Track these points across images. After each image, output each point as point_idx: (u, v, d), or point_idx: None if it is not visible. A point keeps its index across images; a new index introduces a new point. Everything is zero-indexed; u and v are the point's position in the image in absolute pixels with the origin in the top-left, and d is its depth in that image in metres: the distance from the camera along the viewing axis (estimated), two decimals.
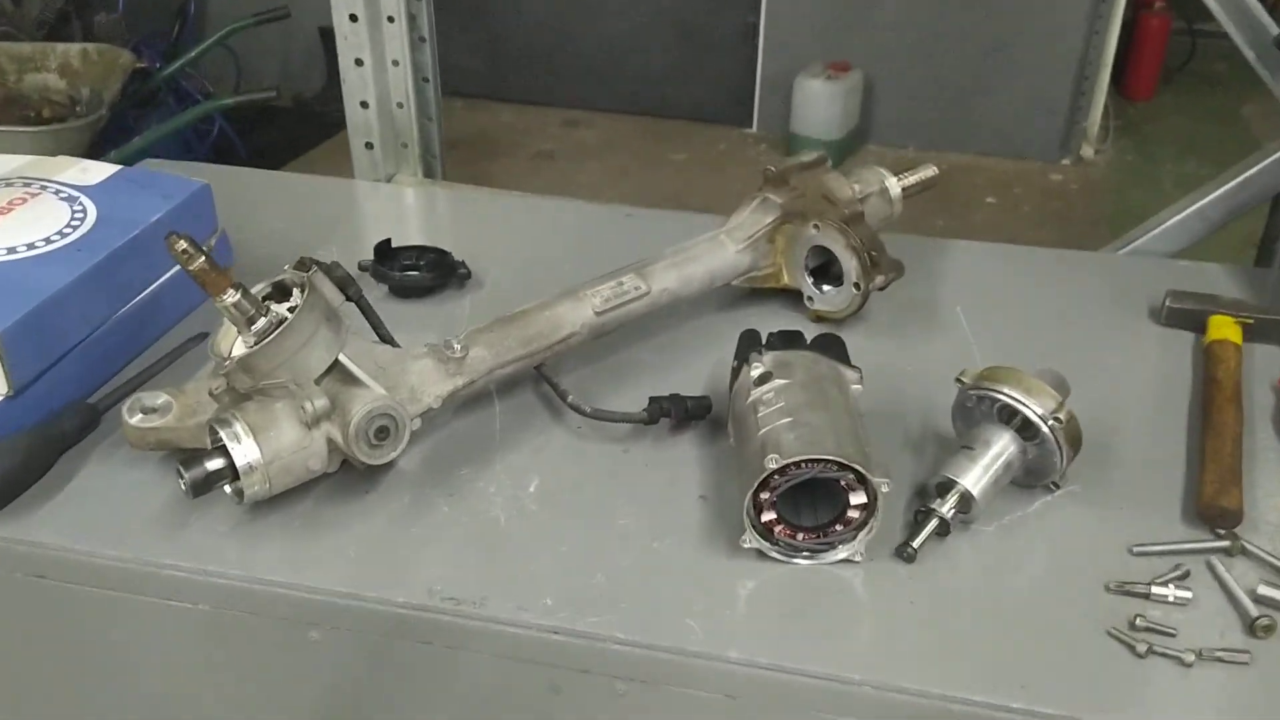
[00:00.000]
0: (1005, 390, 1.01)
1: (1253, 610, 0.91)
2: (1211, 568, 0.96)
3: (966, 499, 0.99)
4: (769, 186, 1.31)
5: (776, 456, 0.92)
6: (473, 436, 1.12)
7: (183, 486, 0.95)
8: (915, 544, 0.97)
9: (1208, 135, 5.39)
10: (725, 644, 0.90)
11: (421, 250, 1.38)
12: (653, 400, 1.11)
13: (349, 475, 1.04)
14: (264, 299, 1.01)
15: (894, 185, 1.37)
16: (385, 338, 1.11)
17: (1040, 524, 1.02)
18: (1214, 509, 1.00)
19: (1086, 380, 1.08)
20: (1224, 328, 1.23)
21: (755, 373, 1.03)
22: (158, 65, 3.99)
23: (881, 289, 1.26)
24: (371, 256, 1.37)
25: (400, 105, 1.69)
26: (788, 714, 0.90)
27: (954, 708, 0.86)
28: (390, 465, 1.04)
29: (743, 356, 1.08)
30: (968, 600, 0.94)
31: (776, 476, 0.93)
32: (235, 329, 1.00)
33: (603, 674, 0.93)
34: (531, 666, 0.94)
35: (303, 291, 1.00)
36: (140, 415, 1.03)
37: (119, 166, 1.30)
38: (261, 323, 0.97)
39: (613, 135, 5.12)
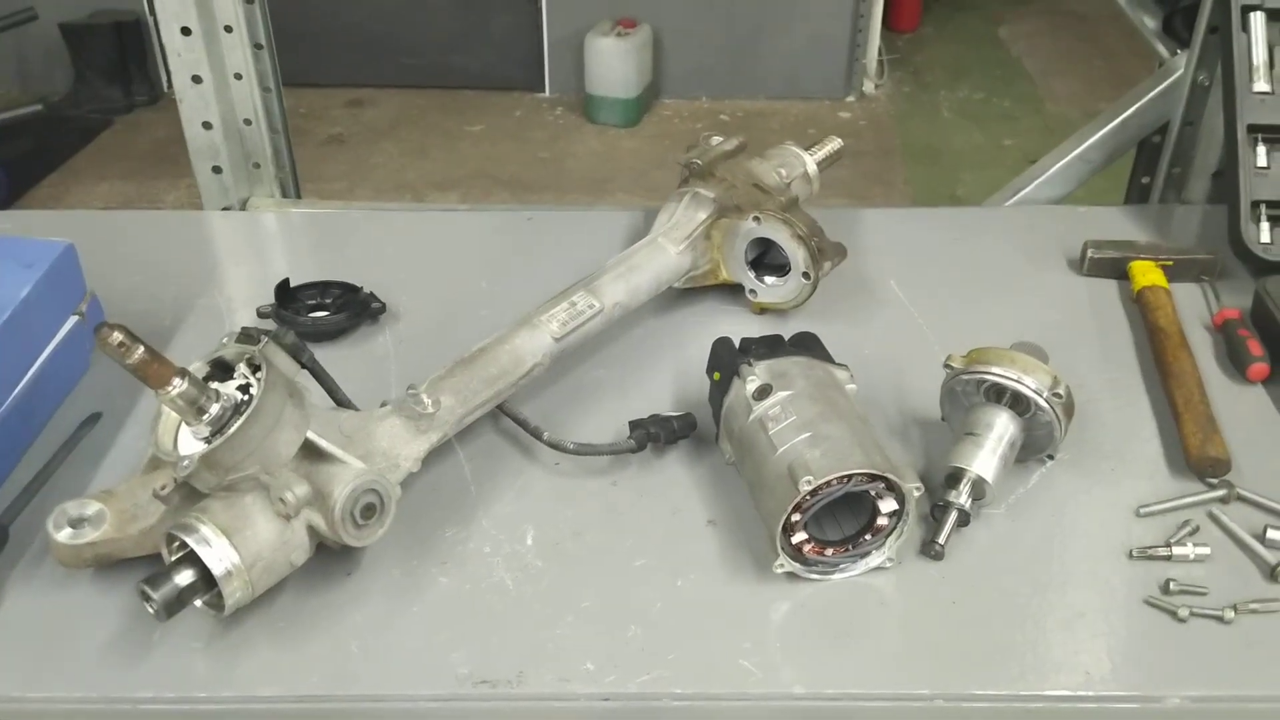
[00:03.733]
0: (1000, 371, 1.00)
1: (1269, 557, 0.94)
2: (1215, 519, 0.99)
3: (980, 485, 0.97)
4: (695, 180, 1.25)
5: (810, 478, 0.87)
6: (444, 491, 1.03)
7: (151, 609, 0.83)
8: (941, 540, 0.95)
9: (972, 59, 5.67)
10: (786, 680, 0.86)
11: (324, 287, 1.26)
12: (635, 425, 1.05)
13: (323, 559, 0.93)
14: (205, 380, 0.89)
15: (811, 164, 1.34)
16: (343, 401, 0.99)
17: (1045, 498, 1.02)
18: (1205, 460, 1.02)
19: (1034, 340, 1.08)
20: (1149, 273, 1.27)
21: (751, 386, 0.98)
22: None
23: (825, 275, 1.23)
24: (268, 300, 1.23)
25: (248, 122, 1.53)
26: None
27: (1032, 706, 0.85)
28: None
29: (726, 368, 1.03)
30: (1005, 592, 0.93)
31: (808, 498, 0.89)
32: (176, 419, 0.87)
33: None
34: None
35: (256, 370, 0.88)
36: (70, 530, 0.89)
37: None
38: (214, 410, 0.85)
39: (402, 112, 4.92)
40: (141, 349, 0.80)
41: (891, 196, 4.30)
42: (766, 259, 1.25)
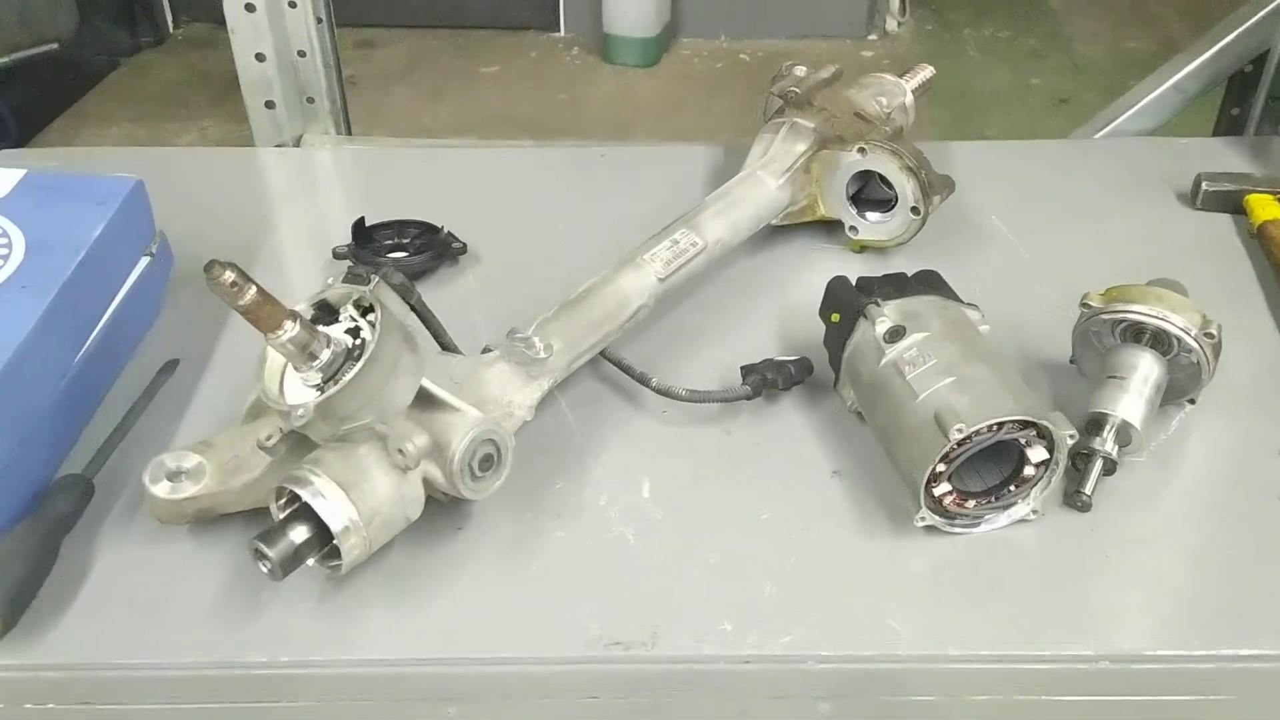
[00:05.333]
0: (1145, 310, 0.94)
1: None
2: None
3: (1126, 431, 0.92)
4: (792, 109, 1.18)
5: (961, 426, 0.82)
6: (548, 441, 0.97)
7: (265, 569, 0.77)
8: (1088, 490, 0.89)
9: None
10: (939, 641, 0.81)
11: (401, 226, 1.19)
12: (748, 370, 0.99)
13: (431, 513, 0.87)
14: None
15: (907, 89, 1.27)
16: (449, 345, 0.93)
17: (1187, 443, 0.97)
18: None
19: (1150, 278, 1.02)
20: (1269, 207, 1.21)
21: (881, 328, 0.92)
22: None
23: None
24: (338, 241, 1.16)
25: (302, 54, 1.45)
26: (1023, 701, 0.82)
27: (1201, 668, 0.80)
28: None
29: (847, 309, 0.96)
30: (1158, 545, 0.88)
31: (956, 447, 0.83)
32: (281, 364, 0.81)
33: (803, 696, 0.82)
34: (718, 697, 0.82)
35: (365, 312, 0.81)
36: (167, 484, 0.83)
37: (20, 171, 1.04)
38: (326, 355, 0.79)
39: (414, 54, 4.79)
40: (254, 289, 0.74)
41: (915, 137, 4.21)
42: (865, 193, 1.18)
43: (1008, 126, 4.24)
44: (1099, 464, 0.90)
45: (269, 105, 1.46)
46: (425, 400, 0.83)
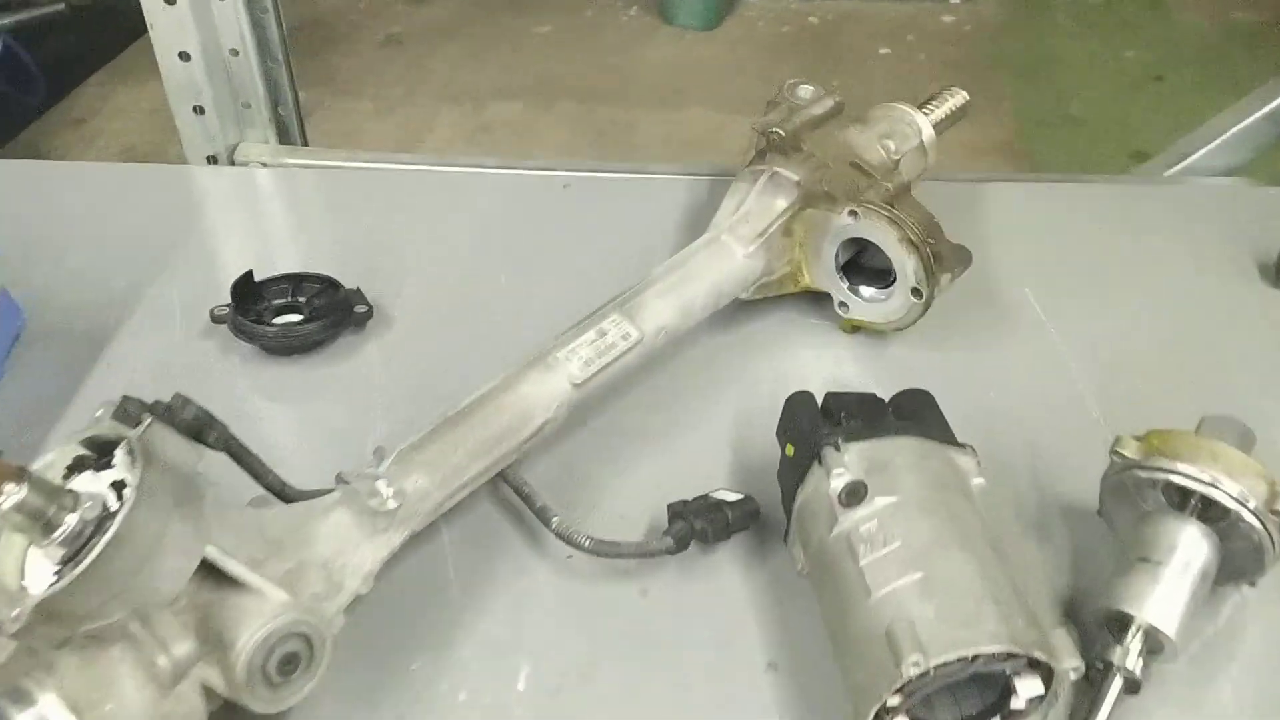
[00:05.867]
0: (1193, 472, 0.70)
1: None
2: None
3: (1155, 638, 0.69)
4: (774, 154, 0.95)
5: (919, 659, 0.60)
6: (416, 591, 0.77)
7: None
8: None
9: None
10: None
11: (298, 281, 0.99)
12: (676, 514, 0.77)
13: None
14: (70, 471, 0.63)
15: (927, 128, 1.03)
16: (273, 487, 0.73)
17: (1242, 641, 0.74)
18: None
19: (1218, 386, 0.80)
20: None
21: (839, 483, 0.70)
22: None
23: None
24: (227, 298, 0.97)
25: (235, 52, 1.25)
26: None
27: None
28: None
29: (804, 442, 0.74)
30: None
31: (915, 680, 0.61)
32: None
33: None
34: None
35: (134, 461, 0.62)
36: None
37: None
38: (71, 523, 0.59)
39: (464, 10, 4.58)
40: None
41: (993, 114, 3.89)
42: (864, 260, 0.95)
43: (1093, 104, 3.89)
44: (1117, 684, 0.68)
45: (198, 111, 1.27)
46: (214, 576, 0.63)
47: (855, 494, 0.69)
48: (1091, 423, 0.88)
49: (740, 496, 0.79)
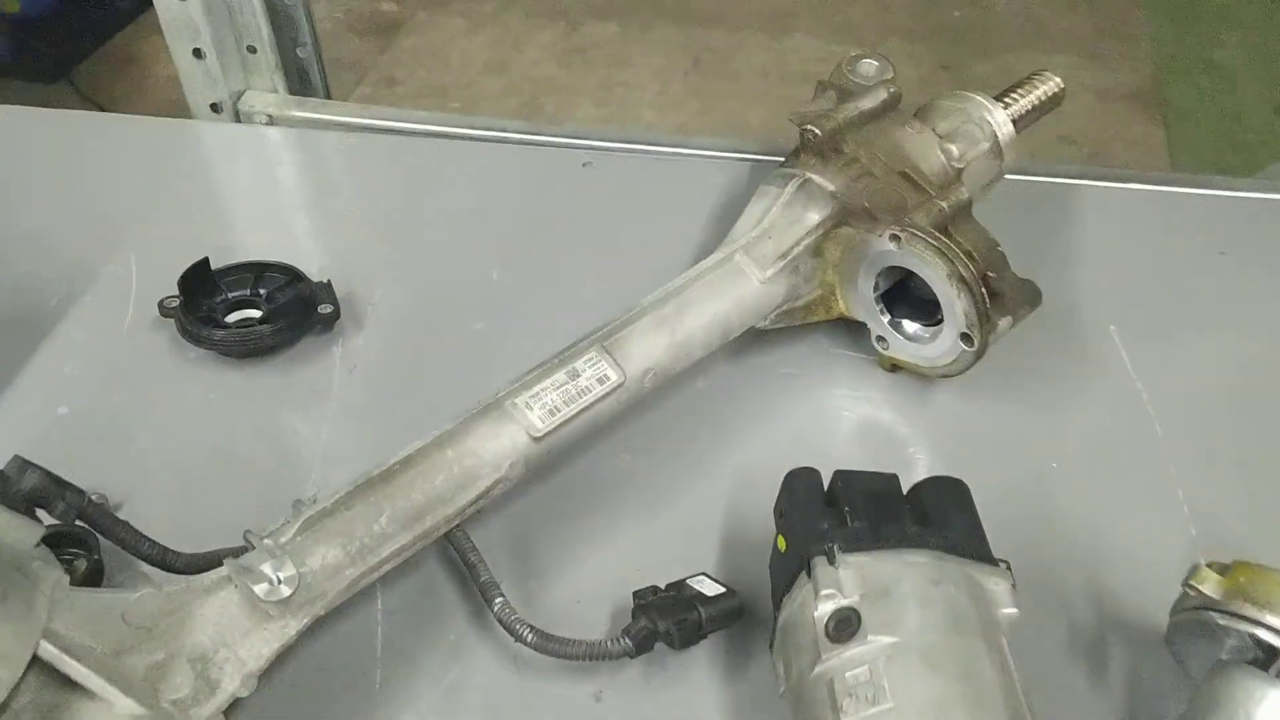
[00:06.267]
0: None
1: None
2: None
3: None
4: (810, 156, 0.79)
5: None
6: (334, 670, 0.66)
7: None
8: None
9: None
10: None
11: (259, 271, 0.87)
12: (641, 607, 0.64)
13: None
14: None
15: (1005, 125, 0.85)
16: (152, 557, 0.62)
17: None
18: None
19: None
20: None
21: (826, 608, 0.56)
22: None
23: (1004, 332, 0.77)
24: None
25: None
26: None
27: None
28: None
29: (797, 540, 0.60)
30: None
31: None
32: None
33: None
34: None
35: None
36: None
37: None
38: None
39: None
40: None
41: (1127, 55, 3.57)
42: (913, 286, 0.80)
43: (1243, 48, 3.54)
44: None
45: (198, 55, 1.15)
46: (59, 676, 0.53)
47: (845, 626, 0.55)
48: (1178, 520, 0.72)
49: (722, 590, 0.65)
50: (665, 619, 0.63)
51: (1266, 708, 0.55)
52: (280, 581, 0.58)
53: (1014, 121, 0.86)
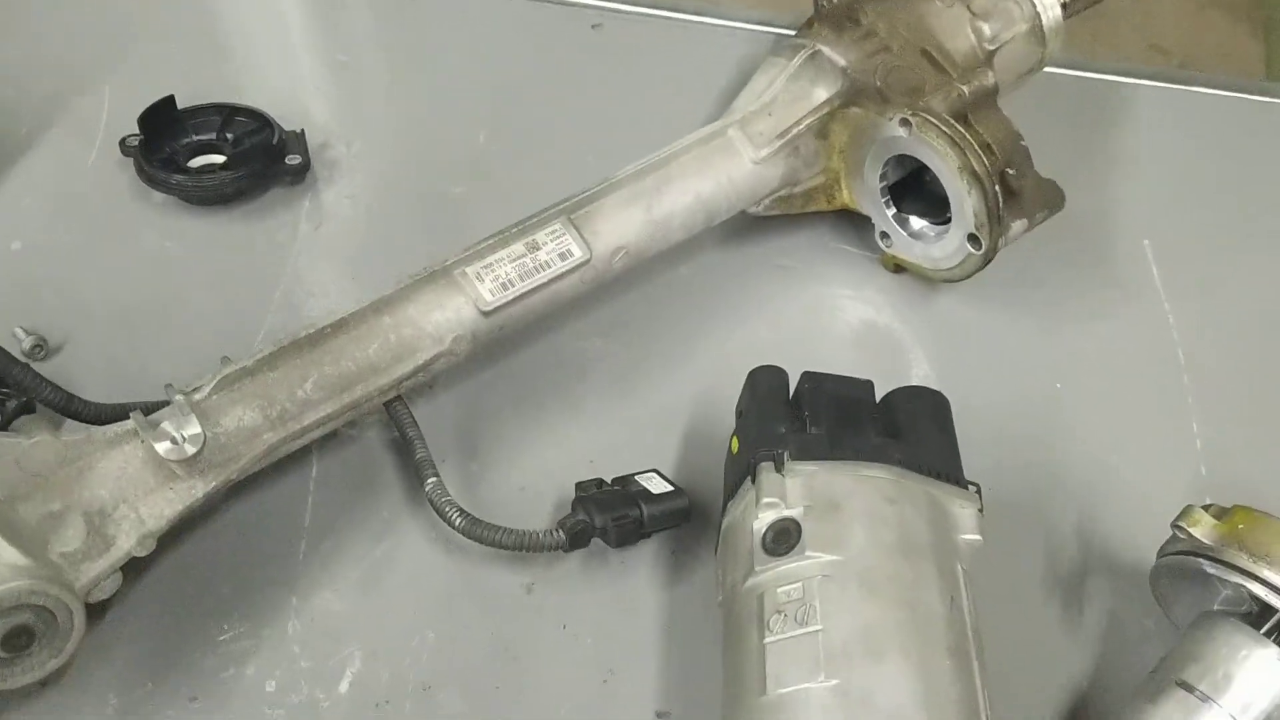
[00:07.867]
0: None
1: None
2: None
3: None
4: (823, 26, 0.72)
5: None
6: (255, 539, 0.62)
7: None
8: None
9: None
10: None
11: (231, 115, 0.82)
12: (580, 501, 0.60)
13: None
14: None
15: (1052, 7, 0.77)
16: (53, 401, 0.58)
17: None
18: None
19: None
20: None
21: (766, 518, 0.51)
22: None
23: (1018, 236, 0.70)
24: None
25: None
26: None
27: None
28: None
29: (750, 440, 0.55)
30: None
31: None
32: None
33: None
34: None
35: None
36: None
37: None
38: None
39: None
40: None
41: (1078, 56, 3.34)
42: (927, 181, 0.72)
43: None
44: None
45: None
46: None
47: (784, 539, 0.50)
48: (1189, 455, 0.66)
49: (669, 489, 0.61)
50: (604, 514, 0.58)
51: (1250, 667, 0.50)
52: (184, 440, 0.54)
53: (1063, 6, 0.78)
